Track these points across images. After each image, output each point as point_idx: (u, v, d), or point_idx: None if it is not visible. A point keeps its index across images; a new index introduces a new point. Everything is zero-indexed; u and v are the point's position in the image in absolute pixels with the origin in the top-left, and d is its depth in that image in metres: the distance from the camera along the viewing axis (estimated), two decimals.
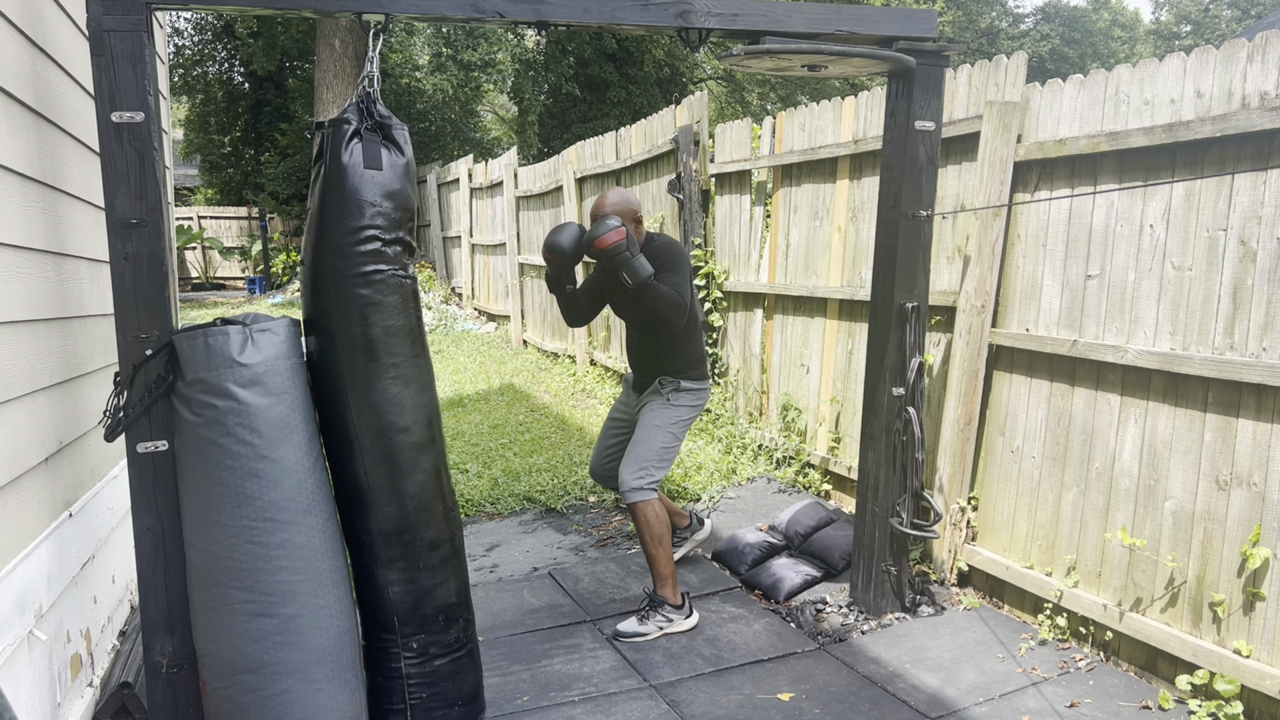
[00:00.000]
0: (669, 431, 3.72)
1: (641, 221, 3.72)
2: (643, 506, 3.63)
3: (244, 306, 15.10)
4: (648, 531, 3.63)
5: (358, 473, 2.71)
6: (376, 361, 2.67)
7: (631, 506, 3.65)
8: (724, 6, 3.10)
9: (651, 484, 3.65)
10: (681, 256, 3.67)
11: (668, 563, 3.67)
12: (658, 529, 3.63)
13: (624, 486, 3.65)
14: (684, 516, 4.38)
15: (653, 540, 3.64)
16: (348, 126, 2.62)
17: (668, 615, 3.67)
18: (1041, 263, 3.61)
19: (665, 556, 3.67)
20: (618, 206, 3.65)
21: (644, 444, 3.70)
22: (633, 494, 3.64)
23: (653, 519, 3.63)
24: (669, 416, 3.74)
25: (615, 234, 3.42)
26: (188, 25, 21.67)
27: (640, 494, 3.63)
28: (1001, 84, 3.80)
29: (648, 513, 3.63)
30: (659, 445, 3.70)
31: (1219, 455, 2.96)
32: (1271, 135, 2.80)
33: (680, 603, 3.70)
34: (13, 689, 2.31)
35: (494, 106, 27.05)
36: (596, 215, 3.65)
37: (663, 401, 3.76)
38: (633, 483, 3.64)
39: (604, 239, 3.42)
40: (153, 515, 2.62)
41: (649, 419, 3.74)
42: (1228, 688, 2.85)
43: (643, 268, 3.45)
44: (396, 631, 2.76)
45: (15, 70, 2.56)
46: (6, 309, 2.45)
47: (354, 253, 2.62)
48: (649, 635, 3.62)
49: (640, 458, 3.67)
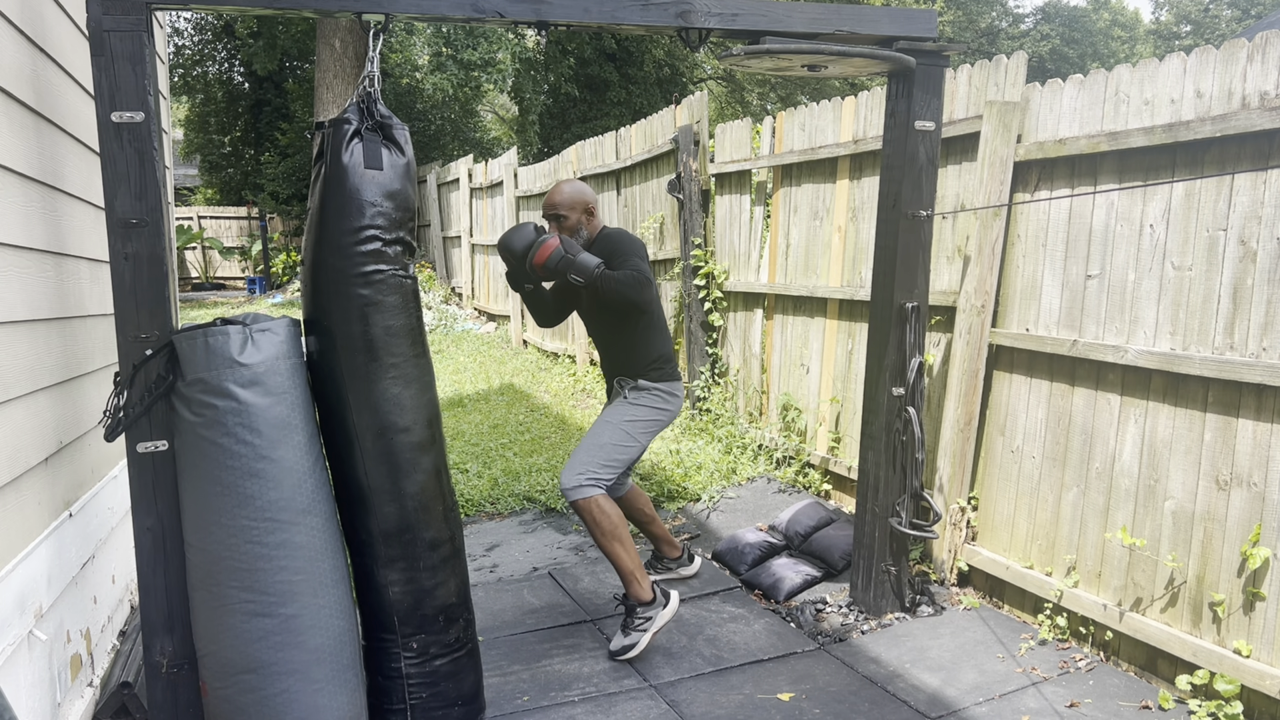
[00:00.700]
0: (621, 429, 3.52)
1: (594, 212, 3.62)
2: (584, 504, 3.40)
3: (244, 306, 15.11)
4: (596, 530, 3.40)
5: (358, 473, 2.71)
6: (377, 361, 2.67)
7: (574, 504, 3.43)
8: (724, 6, 3.10)
9: (592, 480, 3.41)
10: (633, 242, 3.52)
11: (628, 557, 3.43)
12: (606, 524, 3.39)
13: (562, 485, 3.44)
14: (675, 547, 4.17)
15: (604, 537, 3.40)
16: (348, 126, 2.62)
17: (646, 615, 3.47)
18: (1041, 263, 3.61)
19: (623, 552, 3.42)
20: (568, 198, 3.57)
21: (590, 439, 3.51)
22: (570, 492, 3.41)
23: (598, 515, 3.39)
24: (623, 414, 3.56)
25: (546, 248, 3.33)
26: (188, 25, 21.68)
27: (579, 491, 3.40)
28: (1001, 84, 3.80)
29: (591, 509, 3.39)
30: (606, 440, 3.49)
31: (1219, 455, 2.96)
32: (1271, 135, 2.80)
33: (652, 596, 3.48)
34: (13, 689, 2.31)
35: (494, 106, 27.06)
36: (547, 210, 3.59)
37: (620, 399, 3.61)
38: (569, 480, 3.42)
39: (539, 258, 3.33)
40: (153, 515, 2.62)
41: (603, 415, 3.60)
42: (1228, 688, 2.85)
43: (586, 262, 3.32)
44: (397, 631, 2.76)
45: (15, 70, 2.56)
46: (6, 309, 2.45)
47: (355, 253, 2.62)
48: (639, 645, 3.44)
49: (582, 454, 3.47)
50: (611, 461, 3.47)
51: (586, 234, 3.61)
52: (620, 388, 3.65)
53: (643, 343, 3.62)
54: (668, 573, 4.16)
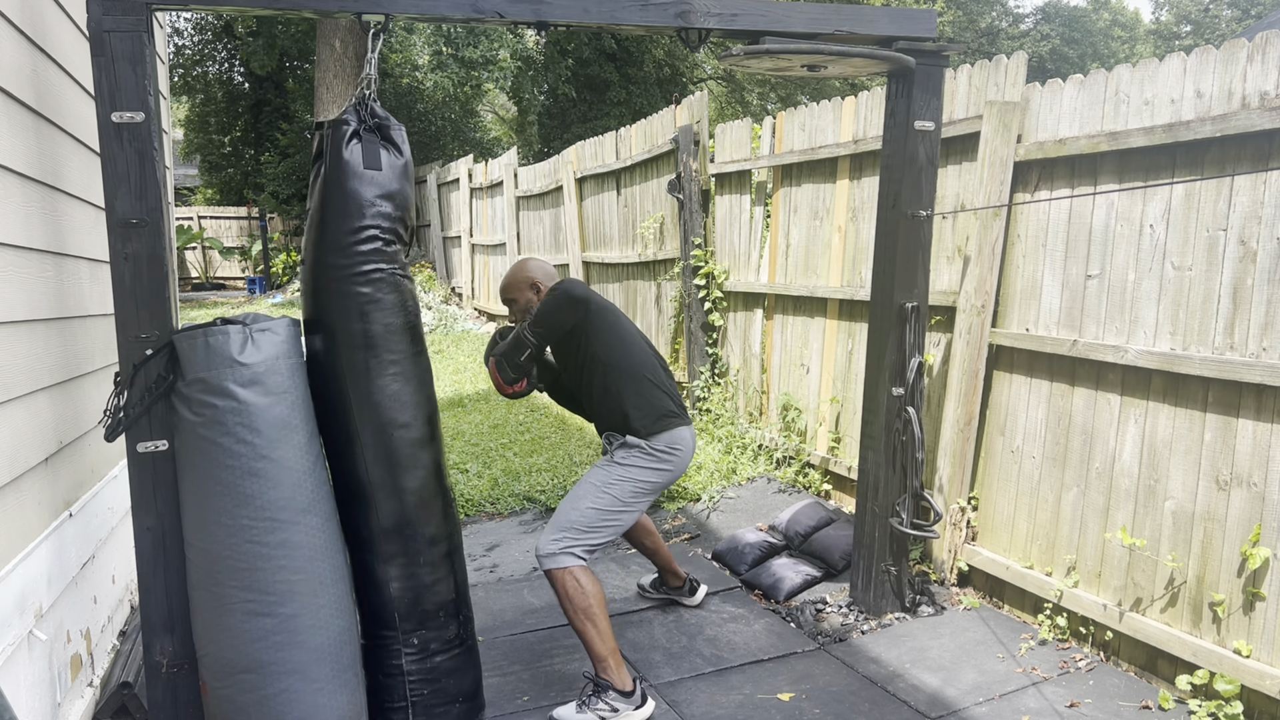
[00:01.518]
0: (606, 493, 3.14)
1: (540, 285, 3.35)
2: (557, 575, 3.04)
3: (244, 306, 15.11)
4: (568, 605, 3.04)
5: (358, 469, 2.71)
6: (377, 358, 2.68)
7: (547, 574, 3.07)
8: (724, 6, 3.10)
9: (566, 549, 3.05)
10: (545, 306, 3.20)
11: (602, 640, 3.04)
12: (580, 601, 3.02)
13: (538, 551, 3.09)
14: (678, 578, 3.95)
15: (576, 614, 3.03)
16: (347, 127, 2.64)
17: (612, 705, 3.01)
18: (1041, 263, 3.61)
19: (597, 634, 3.03)
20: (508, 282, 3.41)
21: (570, 503, 3.15)
22: (544, 560, 3.06)
23: (572, 590, 3.02)
24: (608, 475, 3.17)
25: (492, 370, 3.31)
26: (188, 25, 21.67)
27: (553, 560, 3.05)
28: (1001, 84, 3.80)
29: (565, 582, 3.03)
30: (587, 506, 3.12)
31: (1219, 455, 2.96)
32: (1271, 135, 2.80)
33: (630, 688, 3.05)
34: (13, 689, 2.31)
35: (494, 106, 27.05)
36: (502, 298, 3.48)
37: (606, 459, 3.24)
38: (545, 547, 3.07)
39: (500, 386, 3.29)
40: (153, 515, 2.62)
41: (586, 476, 3.23)
42: (1228, 688, 2.85)
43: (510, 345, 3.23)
44: (397, 628, 2.77)
45: (15, 70, 2.56)
46: (6, 309, 2.45)
47: (354, 251, 2.64)
48: None
49: (561, 519, 3.11)
50: (595, 530, 3.10)
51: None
52: (609, 444, 3.27)
53: (615, 392, 3.22)
54: (670, 596, 4.01)
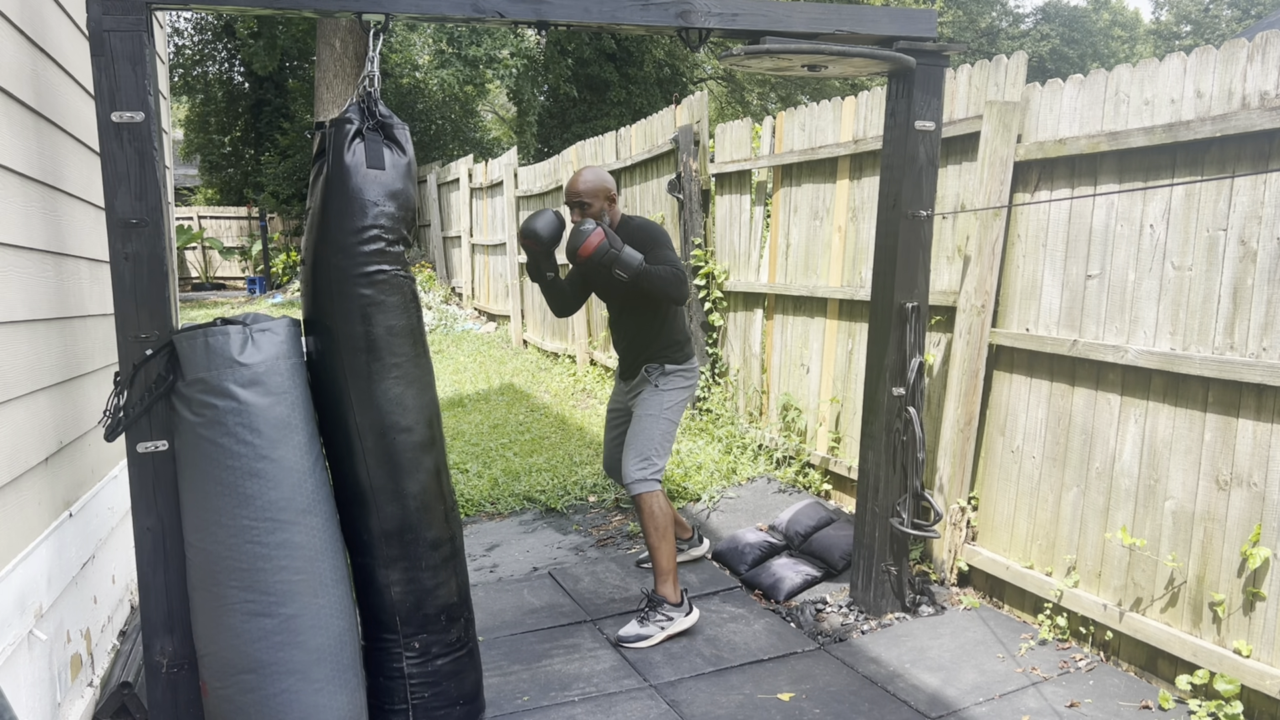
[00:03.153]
0: (664, 418, 3.72)
1: (615, 200, 3.70)
2: (646, 498, 3.61)
3: (244, 306, 15.11)
4: (651, 523, 3.61)
5: (359, 472, 2.71)
6: (379, 361, 2.67)
7: (636, 498, 3.63)
8: (724, 6, 3.10)
9: (654, 474, 3.64)
10: (661, 232, 3.66)
11: (670, 557, 3.63)
12: (661, 521, 3.61)
13: (627, 479, 3.64)
14: (686, 528, 4.37)
15: (656, 532, 3.61)
16: (350, 126, 2.62)
17: (668, 614, 3.61)
18: (1041, 263, 3.61)
19: (668, 550, 3.62)
20: (592, 186, 3.62)
21: (642, 435, 3.68)
22: (636, 485, 3.62)
23: (657, 510, 3.61)
24: (661, 403, 3.73)
25: (594, 238, 3.37)
26: (188, 25, 21.67)
27: (644, 484, 3.62)
28: (1001, 84, 3.80)
29: (652, 504, 3.61)
30: (658, 433, 3.69)
31: (1219, 455, 2.96)
32: (1271, 135, 2.80)
33: (679, 600, 3.65)
34: (13, 689, 2.31)
35: (494, 107, 27.05)
36: (571, 198, 3.63)
37: (652, 389, 3.75)
38: (634, 474, 3.63)
39: (585, 247, 3.38)
40: (153, 515, 2.62)
41: (642, 409, 3.74)
42: (1228, 688, 2.85)
43: (632, 258, 3.41)
44: (398, 631, 2.76)
45: (15, 70, 2.56)
46: (6, 309, 2.45)
47: (358, 252, 2.62)
48: (652, 638, 3.56)
49: (640, 449, 3.66)
50: (665, 451, 3.70)
51: (609, 220, 3.66)
52: (648, 375, 3.77)
53: (668, 327, 3.77)
54: (679, 555, 4.26)
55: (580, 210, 3.64)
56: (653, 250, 3.54)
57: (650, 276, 3.44)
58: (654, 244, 3.57)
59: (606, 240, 3.39)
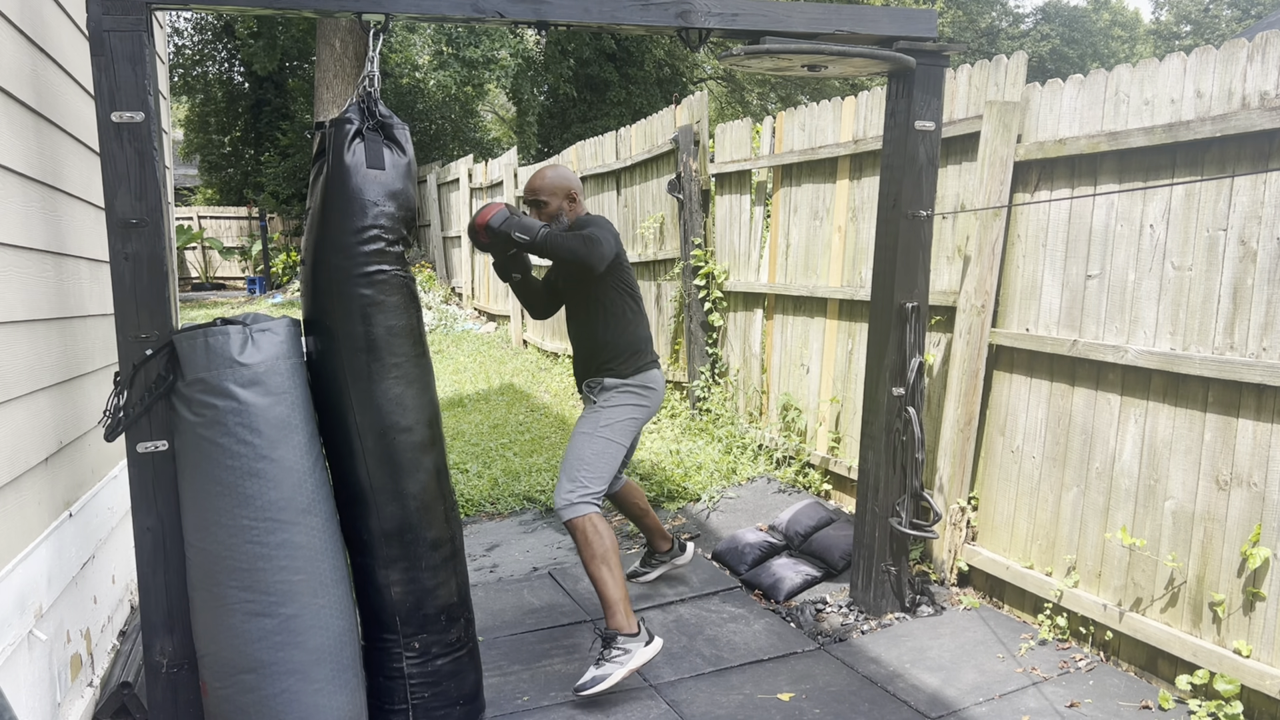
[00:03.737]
0: (599, 437, 3.38)
1: (577, 200, 3.50)
2: (578, 523, 3.27)
3: (244, 306, 15.11)
4: (586, 550, 3.25)
5: (359, 472, 2.71)
6: (379, 361, 2.67)
7: (566, 524, 3.30)
8: (724, 6, 3.10)
9: (585, 496, 3.29)
10: (601, 220, 3.41)
11: (617, 585, 3.23)
12: (598, 547, 3.23)
13: (555, 503, 3.34)
14: (666, 539, 4.12)
15: (594, 560, 3.23)
16: (350, 126, 2.62)
17: (624, 647, 3.18)
18: (1041, 263, 3.61)
19: (611, 579, 3.22)
20: (551, 183, 3.45)
21: (571, 454, 3.38)
22: (564, 510, 3.29)
23: (591, 536, 3.25)
24: (598, 420, 3.41)
25: (490, 209, 3.21)
26: (188, 25, 21.67)
27: (572, 509, 3.28)
28: (1001, 84, 3.80)
29: (585, 529, 3.26)
30: (587, 453, 3.35)
31: (1219, 455, 2.96)
32: (1271, 135, 2.80)
33: (636, 629, 3.22)
34: (13, 689, 2.31)
35: (494, 107, 27.05)
36: (528, 195, 3.50)
37: (591, 406, 3.48)
38: (561, 497, 3.31)
39: (482, 216, 3.21)
40: (153, 515, 2.62)
41: (579, 426, 3.46)
42: (1228, 688, 2.85)
43: (531, 224, 3.19)
44: (398, 631, 2.76)
45: (15, 70, 2.56)
46: (6, 309, 2.45)
47: (358, 252, 2.62)
48: (611, 677, 3.13)
49: (568, 469, 3.35)
50: (599, 473, 3.34)
51: (567, 220, 3.47)
52: (589, 391, 3.51)
53: (615, 333, 3.46)
54: (663, 567, 4.15)
55: (537, 209, 3.46)
56: (580, 229, 3.33)
57: (552, 239, 3.18)
58: (585, 225, 3.36)
59: (505, 209, 3.21)
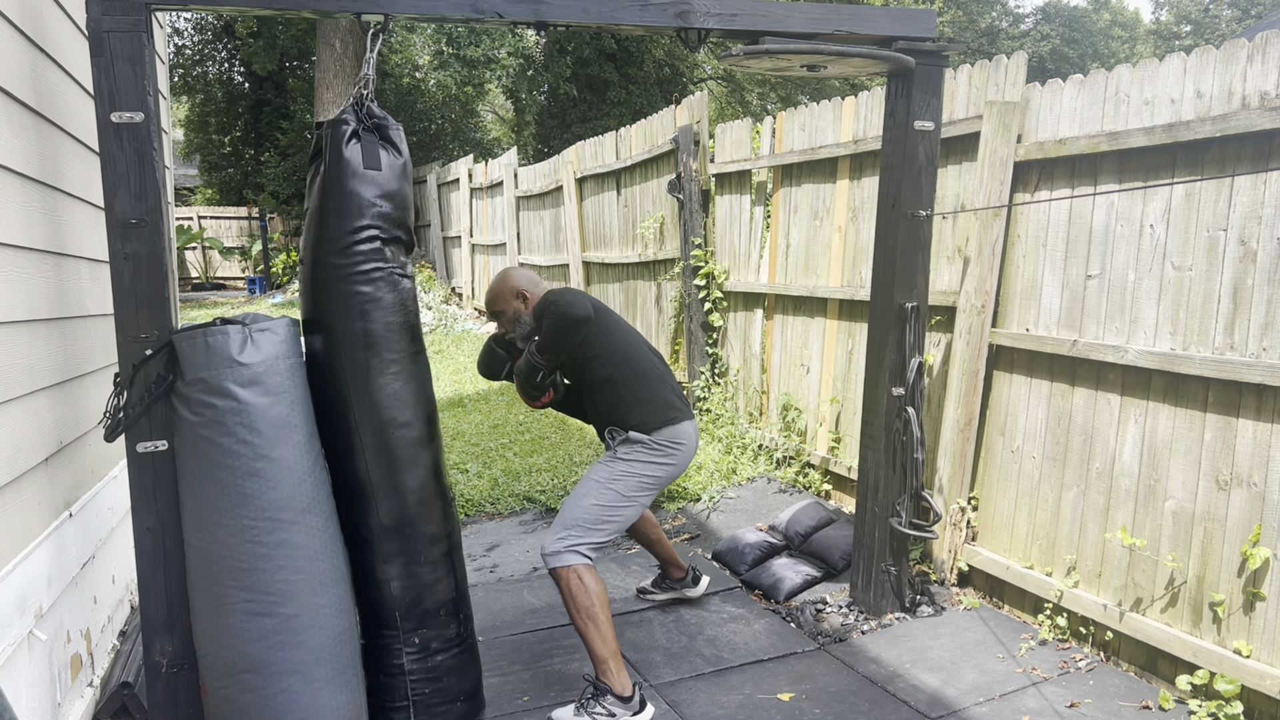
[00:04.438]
0: (609, 488, 3.13)
1: (526, 295, 3.35)
2: (562, 573, 3.03)
3: (244, 306, 15.11)
4: (571, 604, 3.02)
5: (358, 468, 2.72)
6: (378, 357, 2.69)
7: (551, 573, 3.08)
8: (723, 6, 3.10)
9: (574, 546, 3.05)
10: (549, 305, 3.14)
11: (603, 642, 3.00)
12: (583, 601, 2.99)
13: (542, 549, 3.10)
14: (680, 568, 3.96)
15: (579, 615, 3.00)
16: (346, 127, 2.64)
17: (609, 709, 2.97)
18: (1041, 263, 3.61)
19: (598, 635, 2.99)
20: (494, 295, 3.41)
21: (571, 501, 3.16)
22: (549, 558, 3.06)
23: (575, 589, 3.00)
24: (611, 471, 3.17)
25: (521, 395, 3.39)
26: (188, 25, 21.68)
27: (557, 559, 3.04)
28: (1001, 84, 3.80)
29: (570, 581, 3.01)
30: (591, 503, 3.11)
31: (1219, 455, 2.96)
32: (1271, 135, 2.80)
33: (629, 693, 3.00)
34: (13, 689, 2.31)
35: (494, 107, 27.05)
36: (487, 312, 3.53)
37: (608, 456, 3.23)
38: (550, 544, 3.07)
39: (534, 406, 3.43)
40: (153, 515, 2.62)
41: (589, 473, 3.22)
42: (1228, 688, 2.85)
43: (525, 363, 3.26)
44: (398, 627, 2.77)
45: (15, 70, 2.56)
46: (6, 309, 2.45)
47: (355, 251, 2.64)
48: None
49: (564, 517, 3.12)
50: (599, 527, 3.10)
51: (527, 317, 3.34)
52: (610, 439, 3.25)
53: (620, 390, 3.21)
54: (673, 593, 4.02)
55: (498, 320, 3.41)
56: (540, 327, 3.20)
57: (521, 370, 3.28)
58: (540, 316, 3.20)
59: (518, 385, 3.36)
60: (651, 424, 3.18)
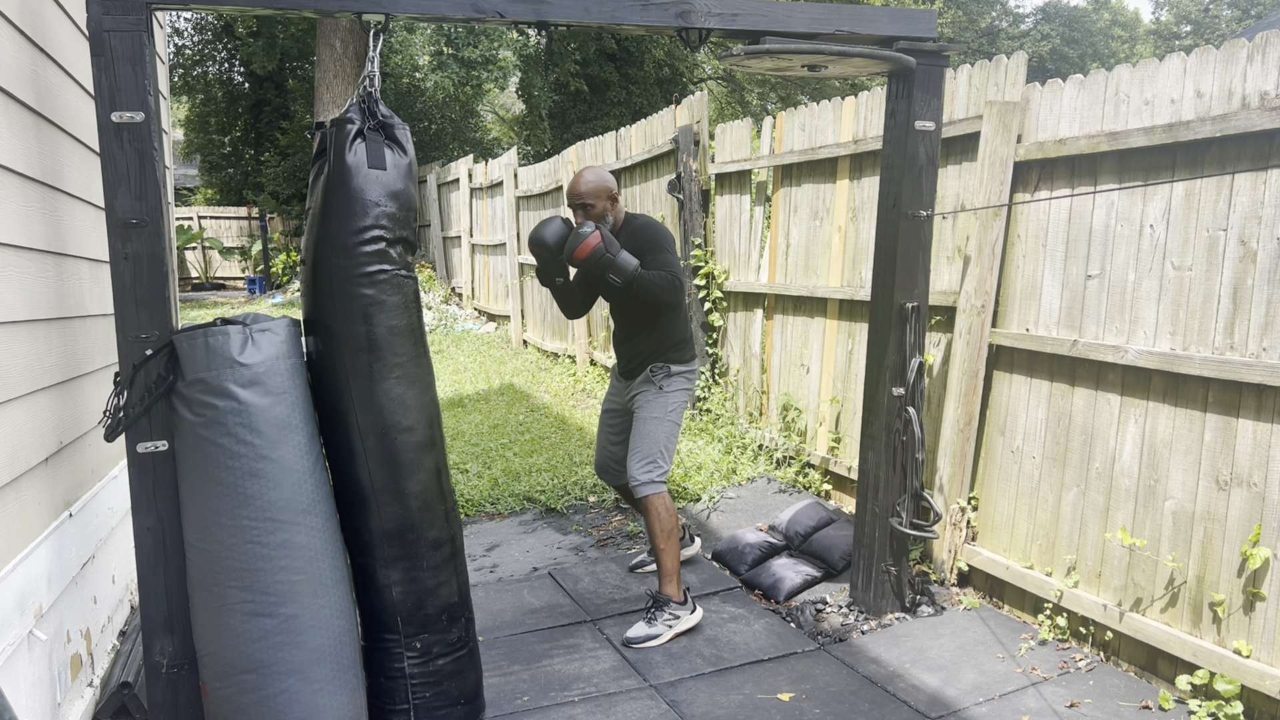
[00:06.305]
0: (669, 420, 3.71)
1: (618, 199, 3.72)
2: (653, 500, 3.63)
3: (244, 306, 15.10)
4: (658, 524, 3.62)
5: (360, 473, 2.71)
6: (381, 361, 2.67)
7: (642, 500, 3.65)
8: (724, 6, 3.10)
9: (660, 476, 3.65)
10: (663, 234, 3.67)
11: (675, 558, 3.65)
12: (668, 523, 3.62)
13: (633, 481, 3.65)
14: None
15: (662, 534, 3.62)
16: (351, 126, 2.62)
17: (674, 613, 3.64)
18: (1041, 263, 3.61)
19: (673, 551, 3.64)
20: (593, 187, 3.65)
21: (647, 437, 3.68)
22: (643, 488, 3.64)
23: (664, 512, 3.63)
24: (666, 404, 3.72)
25: (591, 240, 3.41)
26: (188, 25, 21.68)
27: (651, 487, 3.63)
28: (1001, 84, 3.80)
29: (658, 505, 3.63)
30: (662, 435, 3.69)
31: (1219, 455, 2.96)
32: (1271, 135, 2.80)
33: (684, 598, 3.68)
34: (13, 689, 2.31)
35: (494, 107, 27.04)
36: (573, 200, 3.66)
37: (656, 391, 3.74)
38: (641, 476, 3.64)
39: (581, 250, 3.43)
40: (153, 515, 2.62)
41: (647, 411, 3.72)
42: (1228, 688, 2.85)
43: (626, 263, 3.44)
44: (399, 631, 2.76)
45: (15, 70, 2.56)
46: (6, 309, 2.45)
47: (359, 252, 2.62)
48: (661, 637, 3.59)
49: (647, 451, 3.66)
50: (670, 454, 3.71)
51: (612, 220, 3.70)
52: (652, 376, 3.74)
53: (672, 326, 3.76)
54: None
55: (583, 212, 3.65)
56: (651, 254, 3.56)
57: (644, 283, 3.48)
58: (653, 247, 3.58)
59: (603, 244, 3.42)
60: (687, 356, 3.81)
